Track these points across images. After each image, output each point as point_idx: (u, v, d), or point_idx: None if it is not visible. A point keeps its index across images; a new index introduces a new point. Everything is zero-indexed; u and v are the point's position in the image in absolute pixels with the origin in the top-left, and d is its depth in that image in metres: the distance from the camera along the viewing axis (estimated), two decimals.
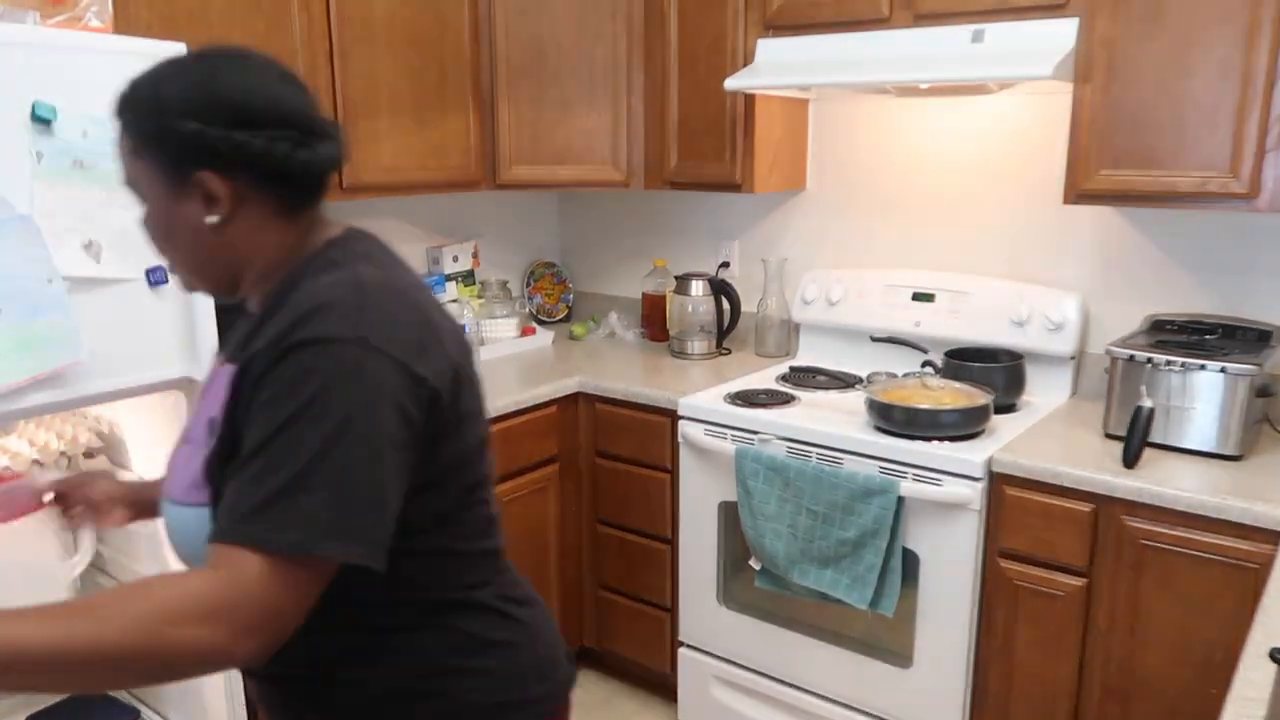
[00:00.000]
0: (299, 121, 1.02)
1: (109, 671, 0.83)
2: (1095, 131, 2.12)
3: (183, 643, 0.84)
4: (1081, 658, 2.04)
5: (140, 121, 0.99)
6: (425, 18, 2.57)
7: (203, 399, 1.08)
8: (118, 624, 0.82)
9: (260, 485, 0.88)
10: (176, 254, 1.05)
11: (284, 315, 0.95)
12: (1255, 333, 2.19)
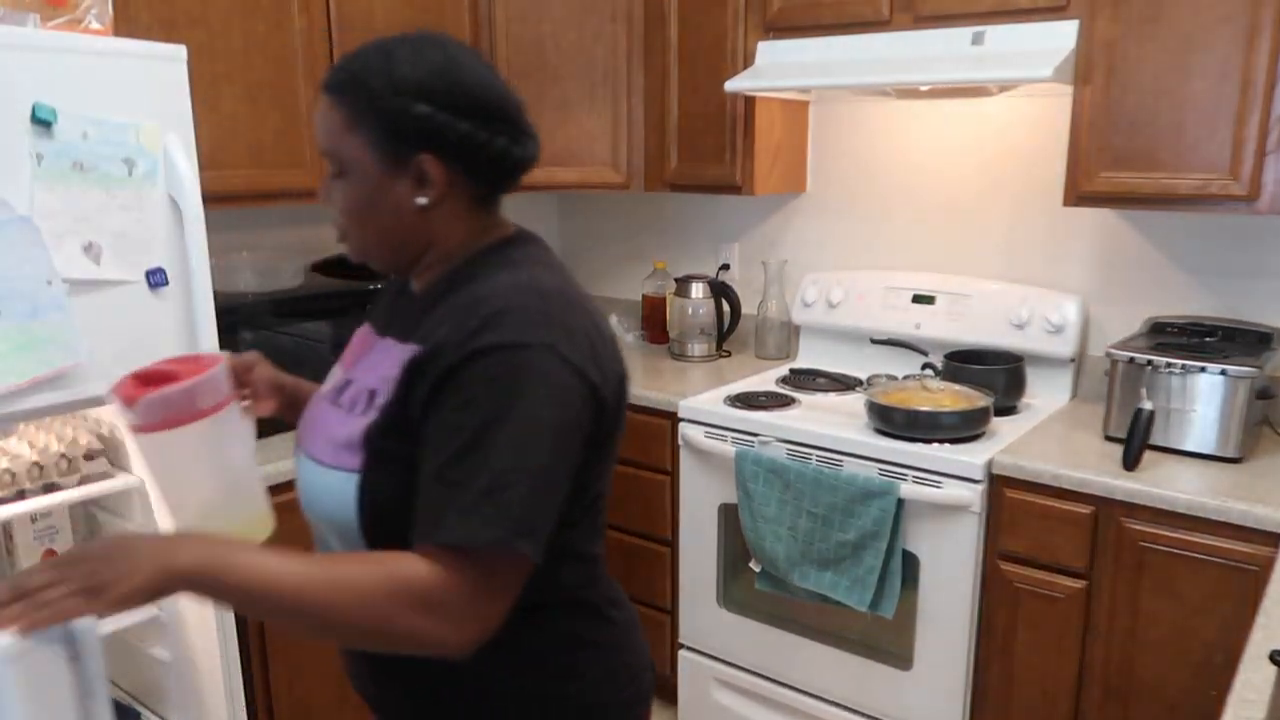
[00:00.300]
0: (515, 118, 1.10)
1: (327, 629, 0.93)
2: (1095, 133, 2.12)
3: (409, 627, 0.91)
4: (1081, 660, 2.04)
5: (369, 99, 1.01)
6: (425, 19, 2.57)
7: (353, 365, 1.12)
8: (353, 594, 0.90)
9: (466, 487, 0.92)
10: (369, 229, 1.07)
11: (465, 310, 0.99)
12: (1255, 335, 2.19)
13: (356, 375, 1.10)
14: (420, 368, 0.99)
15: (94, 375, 1.64)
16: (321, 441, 1.07)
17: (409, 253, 1.09)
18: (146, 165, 1.66)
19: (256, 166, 2.22)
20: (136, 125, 1.64)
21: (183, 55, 1.70)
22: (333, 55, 2.36)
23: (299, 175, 2.31)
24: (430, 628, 0.91)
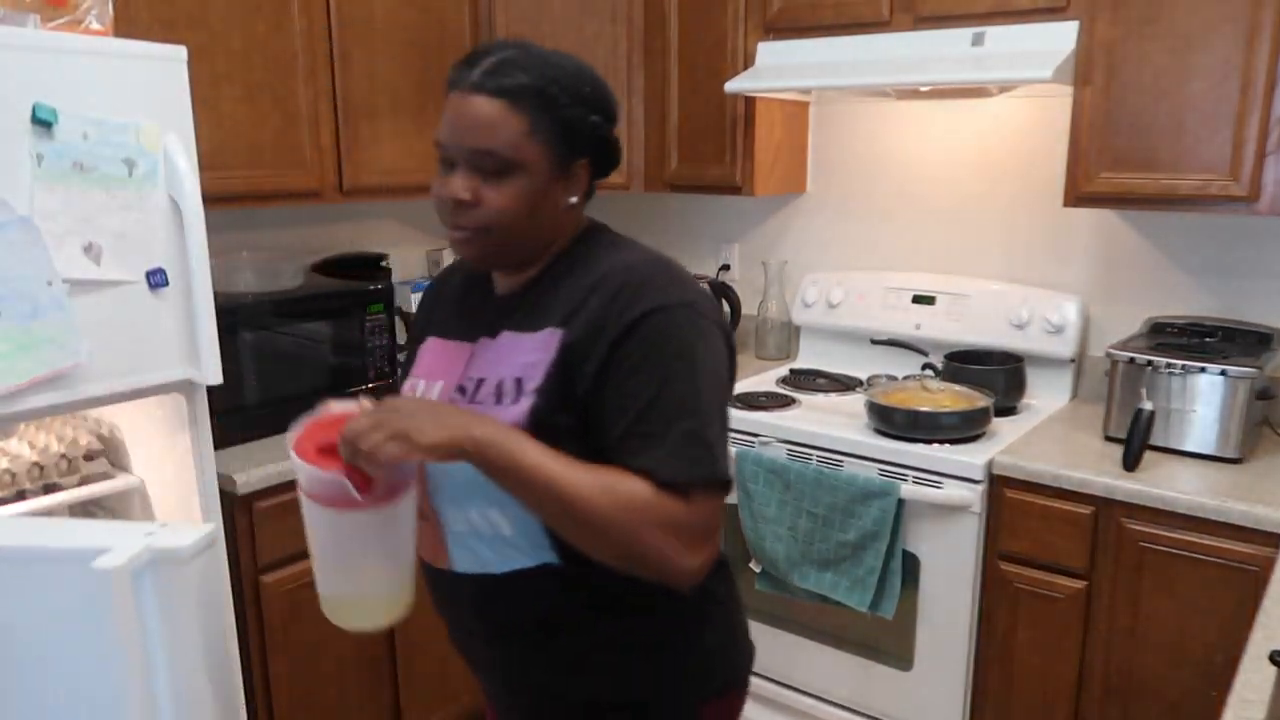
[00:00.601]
0: (617, 118, 1.17)
1: (583, 526, 1.01)
2: (1095, 134, 2.12)
3: (654, 545, 1.01)
4: (1081, 660, 2.04)
5: (554, 108, 1.07)
6: (425, 20, 2.57)
7: (465, 368, 1.17)
8: (618, 503, 1.00)
9: (667, 434, 1.02)
10: (523, 228, 1.11)
11: (605, 288, 1.09)
12: (1255, 335, 2.19)
13: (483, 373, 1.14)
14: (580, 347, 1.07)
15: (94, 375, 1.64)
16: None
17: (539, 249, 1.15)
18: (147, 166, 1.66)
19: (256, 167, 2.22)
20: (136, 126, 1.64)
21: (183, 56, 1.70)
22: (333, 56, 2.36)
23: (299, 176, 2.31)
24: (672, 550, 1.01)
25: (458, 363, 1.18)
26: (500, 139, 1.06)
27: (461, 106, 1.07)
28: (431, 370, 1.21)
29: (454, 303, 1.26)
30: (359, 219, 2.90)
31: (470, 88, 1.06)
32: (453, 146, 1.08)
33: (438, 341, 1.24)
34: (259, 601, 2.04)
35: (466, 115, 1.06)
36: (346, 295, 2.38)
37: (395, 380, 2.50)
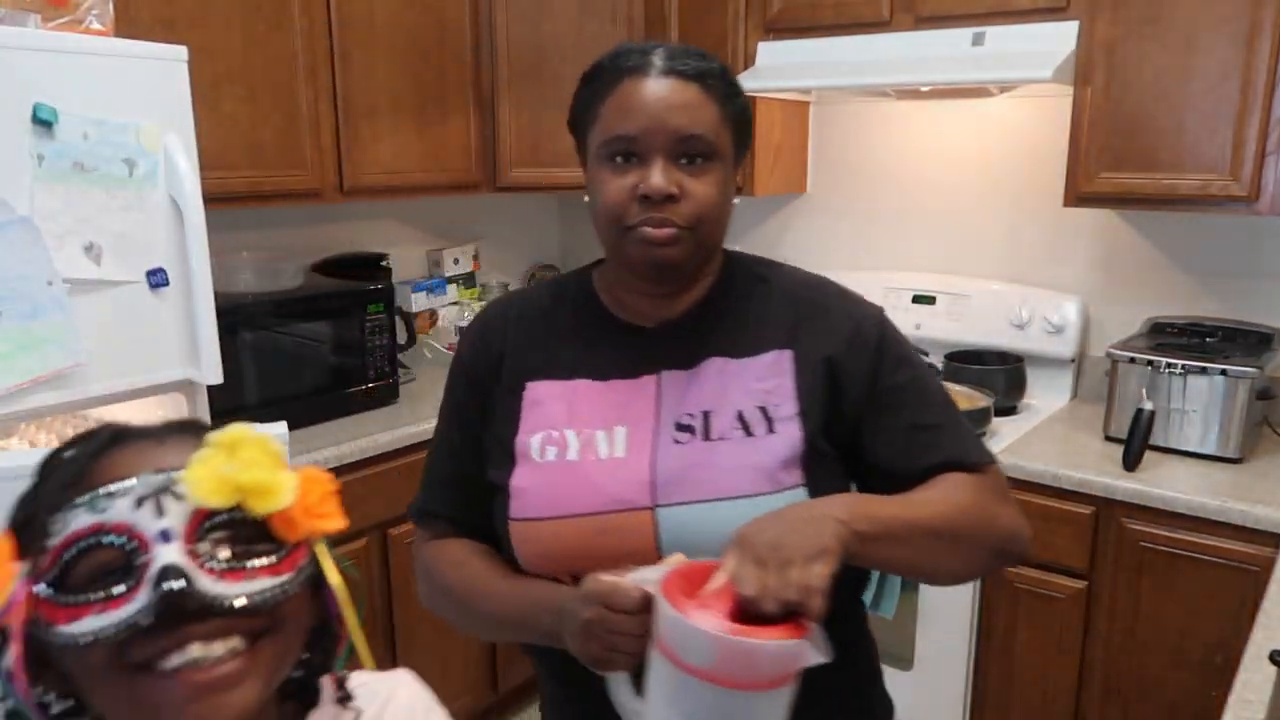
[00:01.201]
0: None
1: (951, 549, 0.97)
2: (1095, 134, 2.12)
3: (1008, 526, 1.00)
4: (1082, 660, 2.04)
5: (736, 96, 1.02)
6: (426, 20, 2.57)
7: (663, 399, 1.03)
8: (957, 508, 0.96)
9: (947, 423, 1.04)
10: (718, 225, 1.02)
11: (821, 300, 1.09)
12: (1256, 335, 2.19)
13: (705, 405, 1.02)
14: (840, 362, 1.03)
15: (94, 375, 1.64)
16: (737, 476, 0.98)
17: (712, 257, 1.07)
18: (147, 166, 1.66)
19: (257, 167, 2.22)
20: (137, 126, 1.64)
21: (183, 56, 1.70)
22: (333, 56, 2.36)
23: (299, 176, 2.31)
24: (1019, 522, 1.01)
25: (640, 401, 1.03)
26: (703, 123, 0.97)
27: (656, 91, 0.97)
28: (598, 416, 1.03)
29: (573, 338, 1.08)
30: (359, 219, 2.90)
31: (661, 72, 0.97)
32: (648, 134, 0.96)
33: (588, 384, 1.05)
34: None
35: (663, 99, 0.96)
36: (346, 295, 2.39)
37: (393, 379, 2.50)
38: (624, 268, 1.03)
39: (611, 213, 0.99)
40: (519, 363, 1.07)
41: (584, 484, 1.00)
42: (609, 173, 0.99)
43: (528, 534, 1.01)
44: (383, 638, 2.32)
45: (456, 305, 3.12)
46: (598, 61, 1.02)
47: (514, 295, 1.18)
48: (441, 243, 3.16)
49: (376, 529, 2.27)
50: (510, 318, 1.11)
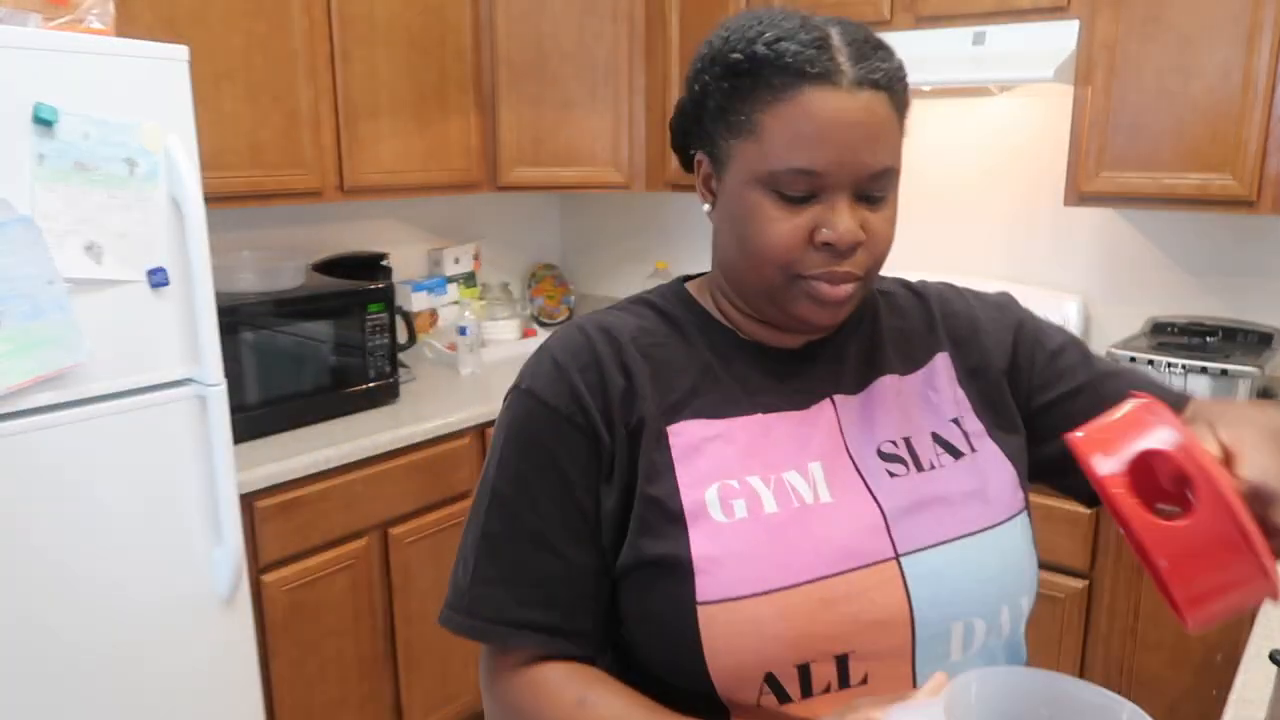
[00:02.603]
0: None
1: None
2: (1096, 133, 2.12)
3: None
4: (1082, 659, 2.04)
5: (908, 93, 0.81)
6: (427, 19, 2.57)
7: (846, 429, 0.86)
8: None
9: (1119, 366, 0.99)
10: (881, 268, 0.85)
11: (927, 303, 0.95)
12: (1256, 335, 2.19)
13: (900, 431, 0.86)
14: (1006, 360, 0.93)
15: (95, 375, 1.64)
16: (967, 507, 0.83)
17: None
18: (148, 165, 1.66)
19: (257, 166, 2.22)
20: (138, 125, 1.64)
21: (184, 55, 1.70)
22: (334, 55, 2.36)
23: (300, 175, 2.31)
24: None
25: (821, 433, 0.84)
26: (895, 150, 0.79)
27: (849, 113, 0.74)
28: (780, 455, 0.82)
29: (709, 367, 0.86)
30: (359, 218, 2.90)
31: (853, 82, 0.75)
32: (837, 170, 0.75)
33: (750, 419, 0.84)
34: (259, 601, 2.04)
35: (859, 126, 0.75)
36: (347, 295, 2.39)
37: (394, 379, 2.50)
38: (779, 313, 0.83)
39: (777, 258, 0.79)
40: (651, 402, 0.83)
41: (803, 540, 0.78)
42: (775, 208, 0.78)
43: (732, 620, 0.75)
44: (383, 638, 2.32)
45: (457, 305, 3.12)
46: (751, 48, 0.77)
47: (599, 320, 0.89)
48: (442, 242, 3.16)
49: (377, 529, 2.27)
50: (622, 344, 0.85)
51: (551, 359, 0.84)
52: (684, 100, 0.86)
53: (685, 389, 0.84)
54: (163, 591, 1.78)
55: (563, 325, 0.93)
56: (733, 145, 0.80)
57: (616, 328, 0.87)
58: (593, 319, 0.89)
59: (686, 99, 0.85)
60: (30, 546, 1.60)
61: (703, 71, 0.81)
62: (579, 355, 0.84)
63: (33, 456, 1.59)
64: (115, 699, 1.74)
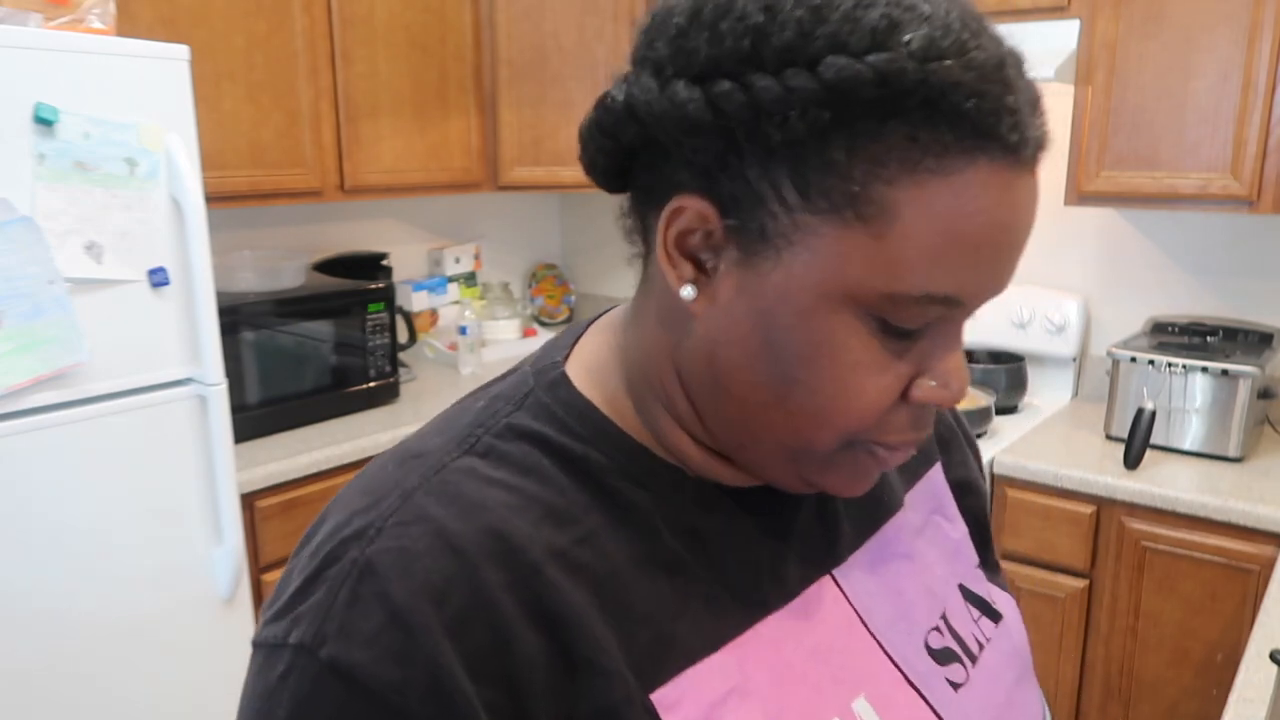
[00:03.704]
0: None
1: None
2: (1097, 133, 2.12)
3: None
4: (1083, 659, 2.04)
5: None
6: (427, 19, 2.57)
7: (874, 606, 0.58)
8: None
9: None
10: None
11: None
12: (1257, 335, 2.19)
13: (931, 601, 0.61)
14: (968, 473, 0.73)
15: (96, 374, 1.64)
16: (1029, 694, 0.64)
17: None
18: (148, 165, 1.66)
19: (258, 166, 2.22)
20: (138, 125, 1.64)
21: (185, 55, 1.70)
22: (334, 55, 2.36)
23: (300, 175, 2.31)
24: None
25: (841, 634, 0.56)
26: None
27: (1027, 206, 0.46)
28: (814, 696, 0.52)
29: (682, 560, 0.52)
30: (360, 218, 2.90)
31: (1032, 155, 0.47)
32: (984, 295, 0.47)
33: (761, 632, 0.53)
34: (260, 601, 2.04)
35: (1029, 225, 0.47)
36: (347, 294, 2.39)
37: (394, 378, 2.50)
38: (780, 474, 0.53)
39: (864, 419, 0.48)
40: (612, 661, 0.47)
41: None
42: (876, 348, 0.47)
43: None
44: None
45: (457, 304, 3.12)
46: (928, 64, 0.44)
47: (451, 491, 0.48)
48: (443, 242, 3.16)
49: None
50: (526, 558, 0.47)
51: (383, 598, 0.44)
52: (661, 96, 0.46)
53: (654, 609, 0.49)
54: (163, 591, 1.78)
55: (376, 515, 0.47)
56: (814, 225, 0.44)
57: (503, 519, 0.47)
58: (444, 493, 0.48)
59: (678, 94, 0.45)
60: (30, 546, 1.60)
61: (750, 61, 0.44)
62: (446, 589, 0.44)
63: (33, 456, 1.59)
64: (116, 699, 1.74)
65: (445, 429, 0.53)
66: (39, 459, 1.59)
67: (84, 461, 1.65)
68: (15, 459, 1.57)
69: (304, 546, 0.48)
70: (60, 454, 1.62)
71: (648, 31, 0.48)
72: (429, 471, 0.49)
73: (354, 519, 0.47)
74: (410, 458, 0.50)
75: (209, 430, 1.80)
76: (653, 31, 0.47)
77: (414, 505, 0.47)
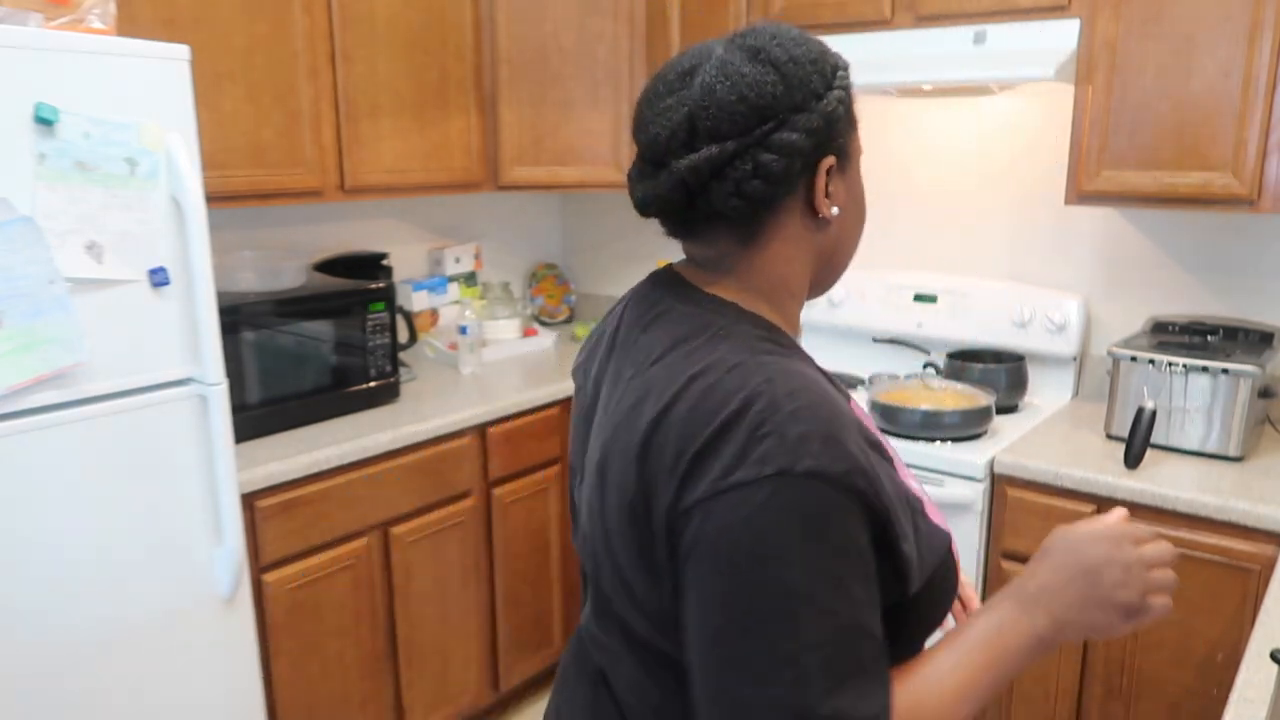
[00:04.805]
0: None
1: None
2: (1097, 132, 2.12)
3: None
4: (1083, 658, 2.04)
5: None
6: (427, 19, 2.57)
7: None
8: None
9: None
10: None
11: None
12: (1257, 334, 2.18)
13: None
14: None
15: (96, 374, 1.64)
16: None
17: None
18: (149, 165, 1.66)
19: (258, 166, 2.22)
20: (138, 125, 1.64)
21: (185, 55, 1.70)
22: (334, 55, 2.36)
23: (300, 175, 2.31)
24: None
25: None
26: None
27: None
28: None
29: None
30: (360, 218, 2.90)
31: None
32: None
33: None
34: (260, 601, 2.04)
35: None
36: (348, 294, 2.39)
37: (395, 378, 2.50)
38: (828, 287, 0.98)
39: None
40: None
41: (937, 515, 0.93)
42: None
43: (953, 565, 0.94)
44: (384, 637, 2.33)
45: (458, 304, 3.12)
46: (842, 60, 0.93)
47: (807, 375, 0.82)
48: (443, 241, 3.16)
49: (378, 528, 2.27)
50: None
51: (838, 426, 0.76)
52: (831, 106, 0.86)
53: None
54: (164, 591, 1.78)
55: (777, 383, 0.77)
56: (852, 139, 0.90)
57: (818, 376, 0.84)
58: (795, 373, 0.80)
59: (835, 102, 0.86)
60: (30, 546, 1.60)
61: (845, 74, 0.89)
62: (843, 413, 0.79)
63: (33, 456, 1.59)
64: (116, 699, 1.74)
65: (732, 354, 0.81)
66: (39, 459, 1.59)
67: (84, 461, 1.65)
68: (15, 459, 1.57)
69: (737, 421, 0.75)
70: (60, 454, 1.62)
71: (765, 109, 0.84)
72: (762, 363, 0.80)
73: (759, 390, 0.77)
74: (736, 366, 0.80)
75: (209, 430, 1.81)
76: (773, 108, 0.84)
77: (804, 380, 0.79)
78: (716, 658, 0.74)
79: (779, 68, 0.83)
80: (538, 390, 2.64)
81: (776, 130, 0.83)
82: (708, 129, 0.82)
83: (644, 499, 0.79)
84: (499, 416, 2.53)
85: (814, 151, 0.85)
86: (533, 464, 2.67)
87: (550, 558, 2.77)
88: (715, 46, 0.87)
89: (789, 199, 0.86)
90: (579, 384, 1.02)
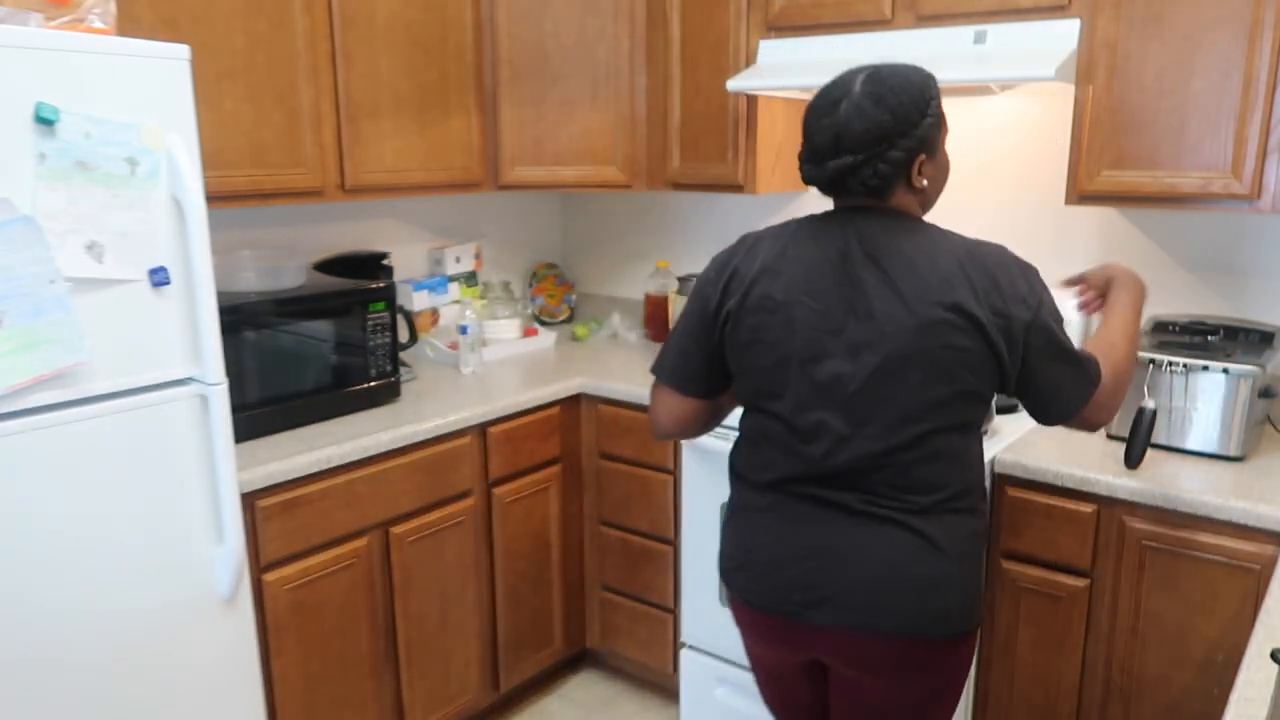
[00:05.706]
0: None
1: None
2: (1097, 132, 2.12)
3: None
4: (1084, 658, 2.04)
5: None
6: (428, 18, 2.58)
7: None
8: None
9: None
10: None
11: None
12: (1258, 334, 2.18)
13: None
14: None
15: (97, 374, 1.64)
16: None
17: None
18: (149, 164, 1.66)
19: (258, 166, 2.22)
20: (139, 124, 1.64)
21: (185, 54, 1.70)
22: (335, 55, 2.36)
23: (301, 174, 2.31)
24: None
25: None
26: None
27: None
28: None
29: None
30: (361, 217, 2.90)
31: None
32: None
33: None
34: (260, 600, 2.05)
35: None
36: (348, 294, 2.39)
37: (395, 378, 2.50)
38: None
39: None
40: None
41: None
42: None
43: None
44: (384, 637, 2.33)
45: (458, 304, 3.12)
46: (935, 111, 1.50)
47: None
48: (443, 241, 3.17)
49: (378, 528, 2.27)
50: None
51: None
52: (924, 129, 1.44)
53: None
54: (164, 591, 1.78)
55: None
56: (940, 137, 1.49)
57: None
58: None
59: (927, 125, 1.44)
60: (30, 546, 1.60)
61: (935, 101, 1.46)
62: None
63: (33, 456, 1.59)
64: (116, 699, 1.74)
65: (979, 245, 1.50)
66: (39, 459, 1.59)
67: (84, 461, 1.65)
68: (15, 459, 1.57)
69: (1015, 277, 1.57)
70: (60, 454, 1.62)
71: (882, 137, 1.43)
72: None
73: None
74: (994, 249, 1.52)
75: (210, 430, 1.81)
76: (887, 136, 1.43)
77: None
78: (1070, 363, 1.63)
79: (892, 111, 1.39)
80: (538, 390, 2.65)
81: (888, 149, 1.41)
82: (847, 146, 1.41)
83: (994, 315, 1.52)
84: (499, 416, 2.53)
85: (911, 156, 1.43)
86: (533, 464, 2.67)
87: (550, 558, 2.77)
88: (853, 84, 1.41)
89: (897, 180, 1.46)
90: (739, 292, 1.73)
